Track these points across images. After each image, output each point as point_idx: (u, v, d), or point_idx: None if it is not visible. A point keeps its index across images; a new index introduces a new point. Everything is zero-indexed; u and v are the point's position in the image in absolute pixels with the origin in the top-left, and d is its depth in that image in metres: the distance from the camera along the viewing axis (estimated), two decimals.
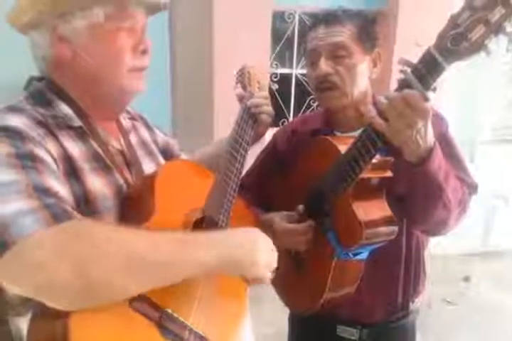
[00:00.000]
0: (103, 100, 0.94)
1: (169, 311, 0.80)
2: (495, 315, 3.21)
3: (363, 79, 1.22)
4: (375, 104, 1.14)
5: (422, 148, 0.97)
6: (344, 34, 1.18)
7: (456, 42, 0.85)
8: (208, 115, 3.13)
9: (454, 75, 3.45)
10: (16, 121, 0.80)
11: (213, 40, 2.97)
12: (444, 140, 1.16)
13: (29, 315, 0.77)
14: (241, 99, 1.24)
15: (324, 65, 1.18)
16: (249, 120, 1.18)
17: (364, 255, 1.17)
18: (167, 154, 1.18)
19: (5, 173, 0.71)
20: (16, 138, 0.76)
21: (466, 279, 3.73)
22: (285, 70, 3.46)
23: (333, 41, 1.18)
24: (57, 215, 0.69)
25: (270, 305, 1.57)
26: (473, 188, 1.21)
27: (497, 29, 0.81)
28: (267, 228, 1.19)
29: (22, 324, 0.86)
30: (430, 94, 0.92)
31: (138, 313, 0.75)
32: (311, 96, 3.57)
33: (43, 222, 0.67)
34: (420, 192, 1.07)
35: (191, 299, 0.85)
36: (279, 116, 3.16)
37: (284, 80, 3.43)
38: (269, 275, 0.92)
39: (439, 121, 1.19)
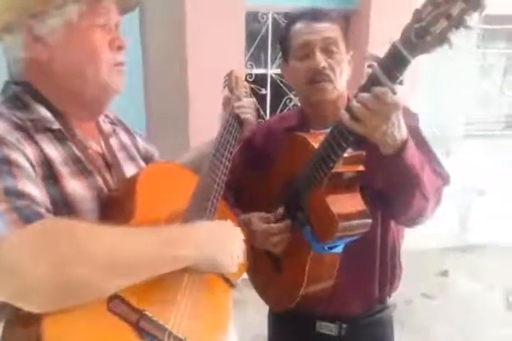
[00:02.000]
0: (83, 99, 0.94)
1: (147, 314, 0.79)
2: (473, 308, 3.27)
3: (345, 76, 1.26)
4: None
5: (397, 139, 0.99)
6: (335, 31, 1.22)
7: (420, 35, 0.86)
8: (182, 117, 3.12)
9: (427, 71, 3.52)
10: None
11: (186, 41, 2.96)
12: (416, 133, 1.18)
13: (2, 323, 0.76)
14: (227, 102, 1.26)
15: (321, 57, 1.20)
16: (235, 123, 1.20)
17: (339, 248, 1.18)
18: (147, 161, 1.18)
19: None
20: None
21: (444, 273, 3.78)
22: (260, 70, 3.48)
23: (327, 36, 1.21)
24: (27, 217, 0.68)
25: (254, 308, 1.58)
26: (446, 179, 1.24)
27: (458, 22, 0.82)
28: (245, 227, 1.21)
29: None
30: (397, 87, 0.94)
31: (115, 315, 0.74)
32: (287, 96, 3.60)
33: (12, 224, 0.66)
34: (399, 183, 1.09)
35: (171, 302, 0.84)
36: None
37: (259, 80, 3.44)
38: (236, 264, 0.91)
39: (409, 115, 1.21)
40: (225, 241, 0.89)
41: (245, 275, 1.37)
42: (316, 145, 1.11)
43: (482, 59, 4.35)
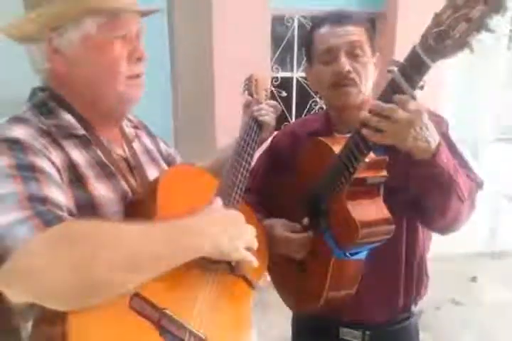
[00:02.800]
0: (103, 109, 0.97)
1: (168, 312, 0.81)
2: (502, 314, 3.20)
3: (371, 80, 1.25)
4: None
5: (432, 143, 0.98)
6: (360, 34, 1.21)
7: (440, 40, 0.86)
8: (209, 121, 3.16)
9: (456, 73, 3.46)
10: (20, 132, 0.83)
11: (212, 46, 3.01)
12: (446, 139, 1.16)
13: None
14: (247, 105, 1.28)
15: (345, 62, 1.19)
16: (255, 126, 1.21)
17: (362, 255, 1.18)
18: (169, 164, 1.21)
19: (3, 186, 0.75)
20: (18, 150, 0.80)
21: (474, 279, 3.72)
22: (286, 74, 3.50)
23: (352, 40, 1.20)
24: (48, 221, 0.71)
25: (276, 310, 1.59)
26: (479, 184, 1.21)
27: (479, 26, 0.81)
28: (269, 232, 1.22)
29: None
30: (417, 92, 0.93)
31: (137, 313, 0.77)
32: (313, 99, 3.61)
33: (35, 229, 0.69)
34: (435, 187, 1.06)
35: (192, 302, 0.86)
36: (280, 119, 3.20)
37: (285, 84, 3.47)
38: (249, 255, 0.91)
39: (439, 121, 1.20)
40: (226, 226, 0.88)
41: (269, 278, 1.40)
42: (337, 150, 1.10)
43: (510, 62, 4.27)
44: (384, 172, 1.11)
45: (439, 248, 1.38)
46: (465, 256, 3.97)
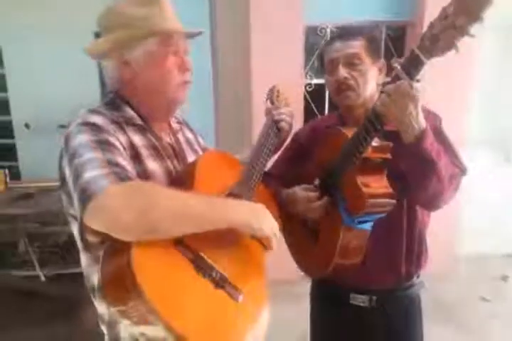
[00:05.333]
0: (157, 108, 1.23)
1: (202, 254, 1.03)
2: None
3: (372, 83, 1.46)
4: None
5: (416, 129, 1.18)
6: (357, 46, 1.44)
7: (433, 42, 1.06)
8: (247, 126, 3.38)
9: (487, 75, 3.54)
10: (96, 118, 1.10)
11: (250, 55, 3.24)
12: (438, 132, 1.37)
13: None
14: (269, 111, 1.50)
15: (342, 71, 1.43)
16: (275, 127, 1.44)
17: (368, 225, 1.35)
18: None
19: (89, 152, 1.01)
20: (96, 130, 1.06)
21: (504, 278, 3.75)
22: (319, 81, 3.65)
23: (349, 52, 1.43)
24: (123, 178, 0.97)
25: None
26: (463, 170, 1.39)
27: (462, 32, 1.01)
28: (289, 198, 1.44)
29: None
30: (415, 84, 1.13)
31: (179, 253, 0.99)
32: None
33: (114, 181, 0.94)
34: (417, 167, 1.26)
35: (221, 251, 1.08)
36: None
37: (318, 89, 3.62)
38: (274, 237, 1.13)
39: (432, 116, 1.41)
40: (258, 214, 1.11)
41: (301, 272, 1.59)
42: (349, 134, 1.31)
43: None
44: (388, 155, 1.30)
45: (473, 247, 1.51)
46: (501, 256, 4.01)
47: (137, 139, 1.15)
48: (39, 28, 3.96)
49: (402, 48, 3.68)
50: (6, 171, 3.54)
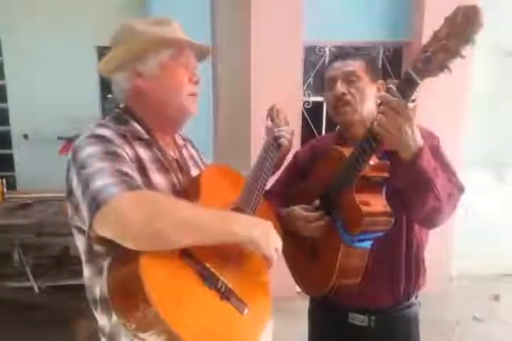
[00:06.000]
0: (168, 119, 1.26)
1: (207, 266, 1.05)
2: None
3: (370, 102, 1.50)
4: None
5: (413, 147, 1.20)
6: (355, 65, 1.49)
7: (426, 63, 1.09)
8: (245, 142, 3.42)
9: (480, 98, 3.61)
10: (105, 131, 1.13)
11: (250, 73, 3.30)
12: (436, 151, 1.40)
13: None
14: (269, 130, 1.54)
15: (340, 87, 1.47)
16: (275, 144, 1.48)
17: (367, 244, 1.37)
18: None
19: (98, 162, 1.03)
20: (105, 142, 1.09)
21: (496, 298, 3.76)
22: (317, 98, 3.73)
23: (347, 70, 1.48)
24: (132, 187, 0.99)
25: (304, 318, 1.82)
26: (460, 189, 1.41)
27: (454, 53, 1.05)
28: (289, 217, 1.46)
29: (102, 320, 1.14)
30: (410, 104, 1.17)
31: (186, 264, 1.01)
32: None
33: (123, 190, 0.97)
34: (414, 185, 1.27)
35: (226, 263, 1.10)
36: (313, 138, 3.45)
37: (316, 107, 3.70)
38: (275, 256, 1.14)
39: (431, 136, 1.45)
40: (267, 232, 1.13)
41: (298, 289, 1.60)
42: (347, 153, 1.34)
43: None
44: (385, 174, 1.33)
45: (465, 267, 1.54)
46: (492, 275, 4.02)
47: (143, 153, 1.18)
48: (40, 40, 4.03)
49: (399, 68, 3.76)
50: (3, 181, 3.55)
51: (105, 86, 3.74)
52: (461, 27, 1.02)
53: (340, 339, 1.61)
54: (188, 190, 1.22)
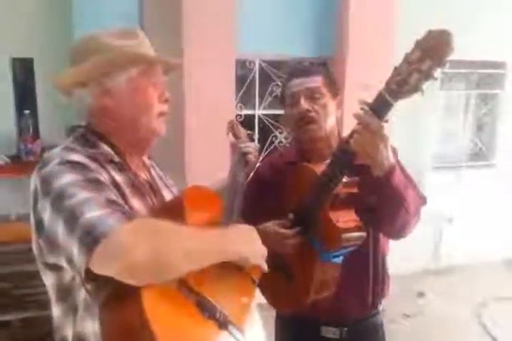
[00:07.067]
0: (137, 140, 1.18)
1: (204, 295, 1.00)
2: (448, 326, 3.52)
3: (332, 116, 1.53)
4: (340, 139, 1.45)
5: (386, 165, 1.24)
6: (318, 81, 1.51)
7: (400, 85, 1.13)
8: (179, 159, 3.36)
9: (401, 112, 3.86)
10: (76, 157, 1.02)
11: (183, 87, 3.24)
12: (400, 165, 1.43)
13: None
14: (234, 145, 1.52)
15: (304, 103, 1.48)
16: (242, 160, 1.46)
17: (340, 259, 1.39)
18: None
19: (81, 192, 0.93)
20: (81, 168, 0.99)
21: (420, 295, 4.03)
22: (249, 111, 3.79)
23: (310, 86, 1.50)
24: (129, 216, 0.91)
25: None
26: (423, 199, 1.49)
27: (427, 75, 1.10)
28: (263, 234, 1.42)
29: None
30: (384, 124, 1.20)
31: (184, 296, 0.96)
32: (273, 134, 3.90)
33: (120, 221, 0.88)
34: (387, 201, 1.31)
35: (218, 287, 1.07)
36: None
37: (248, 120, 3.75)
38: (264, 263, 1.15)
39: (393, 150, 1.46)
40: (250, 240, 1.12)
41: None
42: (317, 170, 1.36)
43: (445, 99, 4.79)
44: (355, 190, 1.37)
45: (390, 266, 1.63)
46: (413, 274, 4.28)
47: (118, 177, 1.10)
48: None
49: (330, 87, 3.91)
50: None
51: (22, 101, 3.46)
52: (434, 50, 1.08)
53: None
54: (171, 212, 1.13)
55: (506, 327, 3.47)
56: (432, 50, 1.08)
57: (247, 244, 1.10)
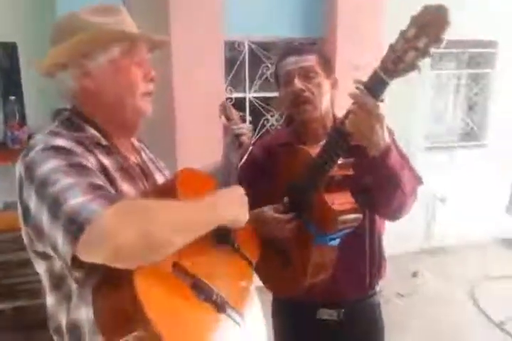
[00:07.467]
0: (123, 122, 1.14)
1: (199, 277, 0.99)
2: (442, 304, 3.57)
3: (326, 96, 1.50)
4: (335, 120, 1.42)
5: (382, 145, 1.22)
6: (312, 60, 1.47)
7: (395, 63, 1.11)
8: (169, 134, 3.32)
9: (391, 92, 3.83)
10: (61, 141, 0.98)
11: (172, 71, 3.18)
12: (396, 145, 1.41)
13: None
14: (227, 127, 1.47)
15: (298, 83, 1.45)
16: (236, 142, 1.42)
17: (337, 241, 1.38)
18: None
19: (64, 178, 0.90)
20: (65, 153, 0.95)
21: (415, 275, 4.07)
22: (239, 94, 3.74)
23: (305, 65, 1.46)
24: (112, 200, 0.87)
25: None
26: (419, 180, 1.47)
27: (424, 53, 1.07)
28: (258, 219, 1.40)
29: None
30: (380, 103, 1.18)
31: (178, 278, 0.95)
32: (265, 117, 3.87)
33: (104, 205, 0.85)
34: (383, 182, 1.30)
35: (214, 269, 1.06)
36: None
37: (238, 103, 3.69)
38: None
39: (389, 130, 1.43)
40: (240, 202, 1.12)
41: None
42: (312, 152, 1.33)
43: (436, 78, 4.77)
44: (351, 171, 1.35)
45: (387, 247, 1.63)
46: (407, 253, 4.32)
47: (105, 161, 1.06)
48: None
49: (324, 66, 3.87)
50: None
51: (7, 87, 3.38)
52: (431, 27, 1.05)
53: (307, 335, 1.62)
54: (164, 195, 1.11)
55: (499, 305, 3.52)
56: (428, 26, 1.05)
57: (236, 205, 1.09)
